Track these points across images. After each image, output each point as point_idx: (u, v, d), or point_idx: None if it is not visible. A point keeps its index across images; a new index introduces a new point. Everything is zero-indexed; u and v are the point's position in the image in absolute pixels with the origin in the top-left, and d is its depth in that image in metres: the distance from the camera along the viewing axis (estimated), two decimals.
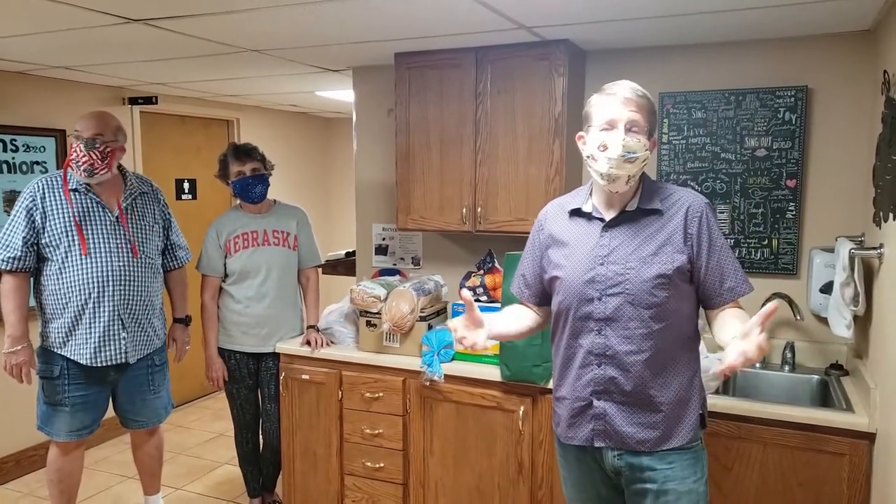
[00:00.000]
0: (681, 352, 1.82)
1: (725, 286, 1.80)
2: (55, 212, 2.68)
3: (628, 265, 1.78)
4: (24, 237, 2.65)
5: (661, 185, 1.87)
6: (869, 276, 2.36)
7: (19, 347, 2.70)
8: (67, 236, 2.68)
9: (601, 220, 1.85)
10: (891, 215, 2.05)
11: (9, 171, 3.75)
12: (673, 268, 1.76)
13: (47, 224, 2.67)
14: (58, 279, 2.69)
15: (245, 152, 3.13)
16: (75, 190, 2.73)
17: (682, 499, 1.79)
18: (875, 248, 2.21)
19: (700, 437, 1.88)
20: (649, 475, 1.81)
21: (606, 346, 1.80)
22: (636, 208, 1.82)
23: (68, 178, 2.73)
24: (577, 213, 1.90)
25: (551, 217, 1.97)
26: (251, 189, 3.11)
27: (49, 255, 2.69)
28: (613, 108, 1.73)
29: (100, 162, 2.68)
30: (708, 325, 1.89)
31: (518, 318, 2.03)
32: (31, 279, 2.76)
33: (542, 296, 2.00)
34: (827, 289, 2.56)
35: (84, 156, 2.66)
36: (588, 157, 1.79)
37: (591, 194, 1.90)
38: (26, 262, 2.68)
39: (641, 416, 1.80)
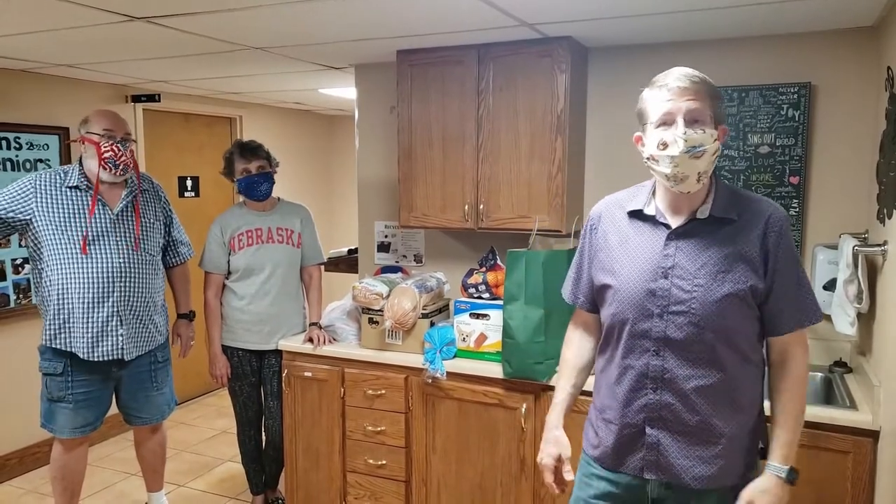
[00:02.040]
0: (747, 380, 1.63)
1: (788, 314, 1.60)
2: (55, 208, 2.69)
3: (696, 282, 1.57)
4: (3, 207, 2.64)
5: (737, 191, 1.67)
6: (872, 273, 2.36)
7: None
8: (67, 233, 2.68)
9: (666, 225, 1.64)
10: (895, 212, 2.04)
11: (12, 169, 3.76)
12: (747, 286, 1.56)
13: (45, 219, 2.66)
14: (58, 276, 2.69)
15: (251, 150, 3.14)
16: (76, 187, 2.73)
17: None
18: (879, 246, 2.20)
19: (759, 467, 1.69)
20: None
21: (664, 370, 1.60)
22: (708, 216, 1.61)
23: (67, 175, 2.75)
24: (637, 214, 1.69)
25: (606, 216, 1.76)
26: (257, 187, 3.11)
27: (49, 252, 2.69)
28: (668, 100, 1.55)
29: (132, 160, 2.78)
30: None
31: (582, 366, 1.87)
32: (32, 277, 2.77)
33: (597, 302, 1.81)
34: (830, 286, 2.56)
35: (122, 154, 2.73)
36: (648, 158, 1.60)
37: (653, 193, 1.69)
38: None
39: (700, 448, 1.61)
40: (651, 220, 1.67)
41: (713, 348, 1.58)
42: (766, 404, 1.69)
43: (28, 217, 2.67)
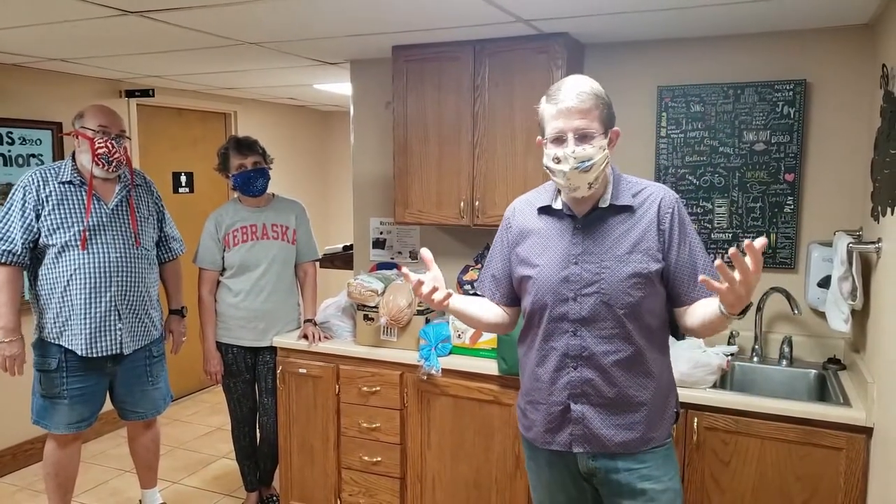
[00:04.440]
0: (655, 351, 1.80)
1: (693, 285, 1.74)
2: (53, 204, 2.68)
3: (604, 264, 1.74)
4: (23, 231, 2.65)
5: (631, 180, 1.83)
6: (867, 270, 2.36)
7: (12, 339, 2.69)
8: (64, 228, 2.68)
9: (573, 216, 1.80)
10: (889, 210, 2.05)
11: (4, 165, 3.74)
12: (648, 266, 1.73)
13: (44, 216, 2.67)
14: (55, 271, 2.69)
15: (247, 146, 3.13)
16: (69, 182, 2.72)
17: (657, 498, 1.77)
18: (873, 243, 2.21)
19: (672, 433, 1.87)
20: (625, 475, 1.79)
21: (583, 348, 1.76)
22: (608, 205, 1.77)
23: (60, 170, 2.74)
24: (546, 210, 1.85)
25: (520, 214, 1.92)
26: (253, 183, 3.10)
27: (46, 247, 2.69)
28: (559, 119, 1.68)
29: (125, 156, 2.77)
30: (678, 324, 1.83)
31: (485, 309, 1.99)
32: (24, 272, 2.76)
33: (513, 296, 1.95)
34: (825, 283, 2.56)
35: (116, 151, 2.73)
36: (546, 167, 1.74)
37: (559, 191, 1.84)
38: (23, 257, 2.67)
39: (620, 417, 1.77)
40: (559, 213, 1.83)
41: (623, 324, 1.74)
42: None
43: (39, 226, 2.68)
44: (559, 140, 1.69)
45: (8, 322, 2.68)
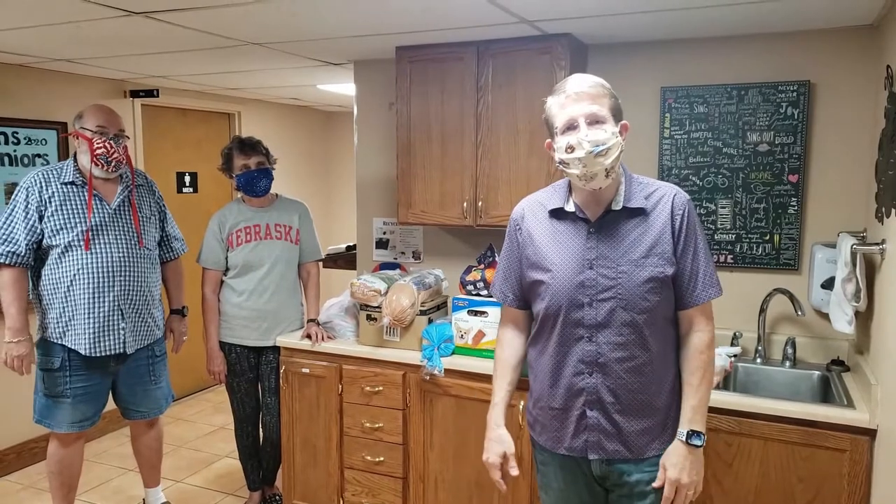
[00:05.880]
0: (670, 356, 1.80)
1: (691, 288, 1.75)
2: (56, 205, 2.69)
3: (620, 269, 1.71)
4: (26, 232, 2.66)
5: (643, 180, 1.81)
6: (871, 271, 2.36)
7: (20, 339, 2.70)
8: (67, 228, 2.69)
9: (586, 220, 1.77)
10: (893, 211, 2.04)
11: (10, 164, 3.75)
12: (664, 269, 1.72)
13: (47, 217, 2.68)
14: (58, 271, 2.70)
15: (250, 146, 3.14)
16: (72, 182, 2.73)
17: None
18: (877, 244, 2.20)
19: None
20: (637, 477, 1.78)
21: (598, 354, 1.74)
22: (621, 208, 1.75)
23: (62, 171, 2.75)
24: (558, 212, 1.81)
25: (529, 215, 1.87)
26: (256, 183, 3.11)
27: (50, 248, 2.70)
28: (568, 107, 1.67)
29: (124, 156, 2.77)
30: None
31: (516, 364, 1.95)
32: (30, 273, 2.77)
33: (527, 298, 1.92)
34: (828, 284, 2.56)
35: (114, 151, 2.73)
36: (560, 162, 1.71)
37: (570, 192, 1.82)
38: (27, 258, 2.68)
39: (636, 423, 1.76)
40: (571, 216, 1.79)
41: (640, 330, 1.72)
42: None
43: (42, 227, 2.69)
44: (571, 128, 1.67)
45: (15, 322, 2.68)
